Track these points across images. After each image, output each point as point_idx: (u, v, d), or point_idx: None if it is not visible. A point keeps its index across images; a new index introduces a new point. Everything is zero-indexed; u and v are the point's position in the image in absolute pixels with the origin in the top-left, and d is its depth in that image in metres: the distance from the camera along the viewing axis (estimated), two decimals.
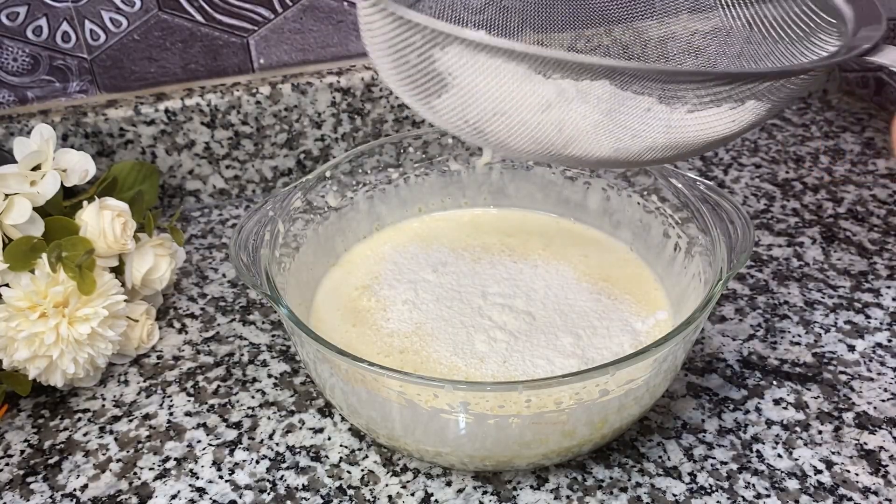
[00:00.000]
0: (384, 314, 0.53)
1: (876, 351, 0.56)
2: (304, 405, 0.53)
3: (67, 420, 0.52)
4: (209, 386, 0.55)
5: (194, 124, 0.69)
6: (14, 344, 0.49)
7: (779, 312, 0.59)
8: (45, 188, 0.52)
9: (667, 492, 0.46)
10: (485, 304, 0.53)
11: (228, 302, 0.62)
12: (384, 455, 0.49)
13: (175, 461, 0.49)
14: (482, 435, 0.43)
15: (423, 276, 0.56)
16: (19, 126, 0.64)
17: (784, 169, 0.77)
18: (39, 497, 0.47)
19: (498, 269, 0.57)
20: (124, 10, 0.65)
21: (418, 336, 0.51)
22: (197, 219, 0.72)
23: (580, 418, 0.43)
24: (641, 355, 0.41)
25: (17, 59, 0.64)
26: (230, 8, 0.67)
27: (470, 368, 0.49)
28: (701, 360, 0.55)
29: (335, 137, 0.74)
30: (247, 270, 0.47)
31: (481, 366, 0.49)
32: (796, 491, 0.46)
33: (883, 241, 0.66)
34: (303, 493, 0.47)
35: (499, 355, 0.49)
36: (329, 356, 0.43)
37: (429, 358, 0.50)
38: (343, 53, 0.73)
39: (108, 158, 0.68)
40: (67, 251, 0.51)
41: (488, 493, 0.47)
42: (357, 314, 0.54)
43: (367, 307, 0.54)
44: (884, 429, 0.50)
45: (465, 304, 0.53)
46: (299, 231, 0.55)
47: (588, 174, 0.60)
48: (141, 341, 0.56)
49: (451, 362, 0.49)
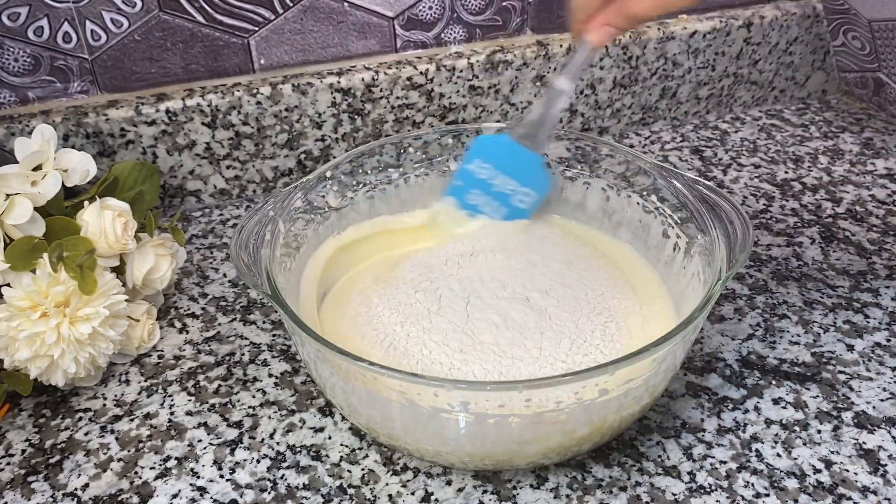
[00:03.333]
0: (383, 314, 0.53)
1: (875, 350, 0.56)
2: (305, 404, 0.53)
3: (68, 419, 0.52)
4: (210, 385, 0.55)
5: (195, 124, 0.69)
6: (15, 343, 0.49)
7: (778, 312, 0.59)
8: (46, 188, 0.53)
9: (666, 491, 0.46)
10: (484, 303, 0.53)
11: (229, 302, 0.62)
12: (384, 454, 0.49)
13: (176, 460, 0.49)
14: (482, 434, 0.43)
15: (423, 276, 0.56)
16: (20, 126, 0.64)
17: (783, 169, 0.77)
18: (40, 496, 0.48)
19: (498, 268, 0.57)
20: (125, 10, 0.65)
21: (418, 336, 0.51)
22: (198, 219, 0.72)
23: (580, 418, 0.43)
24: (641, 355, 0.41)
25: (19, 60, 0.64)
26: (231, 8, 0.67)
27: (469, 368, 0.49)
28: (700, 359, 0.55)
29: (335, 138, 0.74)
30: (247, 270, 0.47)
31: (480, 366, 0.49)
32: (795, 490, 0.46)
33: (882, 241, 0.67)
34: (303, 492, 0.47)
35: (498, 355, 0.49)
36: (329, 356, 0.43)
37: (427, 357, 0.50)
38: (343, 54, 0.73)
39: (109, 158, 0.68)
40: (68, 251, 0.51)
41: (488, 492, 0.47)
42: (357, 313, 0.54)
43: (367, 307, 0.54)
44: (882, 428, 0.50)
45: (465, 303, 0.53)
46: (300, 231, 0.55)
47: (588, 174, 0.60)
48: (142, 341, 0.56)
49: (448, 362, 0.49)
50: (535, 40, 0.77)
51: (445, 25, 0.74)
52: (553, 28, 0.78)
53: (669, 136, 0.84)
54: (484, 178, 0.58)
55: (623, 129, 0.85)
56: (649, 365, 0.43)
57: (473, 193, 0.59)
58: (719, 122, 0.87)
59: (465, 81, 0.75)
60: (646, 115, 0.85)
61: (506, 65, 0.75)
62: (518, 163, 0.57)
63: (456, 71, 0.74)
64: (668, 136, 0.84)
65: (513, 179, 0.58)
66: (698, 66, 0.84)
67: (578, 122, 0.82)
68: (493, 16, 0.76)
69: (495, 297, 0.53)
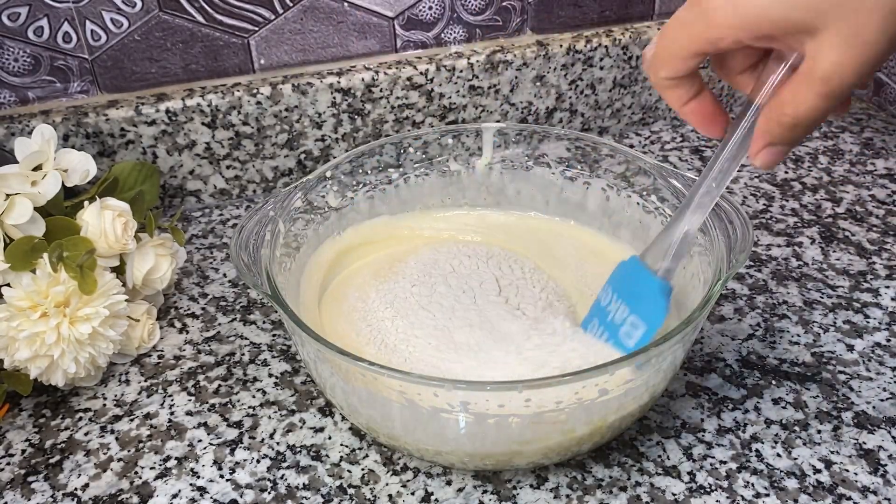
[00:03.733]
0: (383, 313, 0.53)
1: (875, 350, 0.56)
2: (305, 404, 0.53)
3: (68, 419, 0.52)
4: (210, 385, 0.55)
5: (195, 124, 0.69)
6: (15, 343, 0.49)
7: (778, 312, 0.59)
8: (46, 188, 0.53)
9: (666, 491, 0.46)
10: (484, 303, 0.53)
11: (229, 302, 0.62)
12: (384, 454, 0.49)
13: (176, 460, 0.49)
14: (482, 434, 0.43)
15: (423, 275, 0.56)
16: (20, 126, 0.64)
17: (783, 169, 0.77)
18: (40, 496, 0.48)
19: (497, 268, 0.57)
20: (125, 10, 0.65)
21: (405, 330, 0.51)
22: (198, 219, 0.72)
23: (580, 418, 0.43)
24: (640, 355, 0.41)
25: (19, 60, 0.64)
26: (231, 8, 0.67)
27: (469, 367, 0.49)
28: (700, 359, 0.55)
29: (335, 138, 0.74)
30: (247, 270, 0.47)
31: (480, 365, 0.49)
32: (795, 490, 0.46)
33: (882, 241, 0.67)
34: (303, 492, 0.47)
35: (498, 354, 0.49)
36: (329, 356, 0.43)
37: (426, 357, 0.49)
38: (343, 54, 0.73)
39: (109, 158, 0.68)
40: (68, 251, 0.51)
41: (488, 492, 0.47)
42: (353, 308, 0.54)
43: (367, 306, 0.54)
44: (882, 428, 0.50)
45: (465, 303, 0.53)
46: (300, 231, 0.55)
47: (588, 174, 0.60)
48: (142, 341, 0.56)
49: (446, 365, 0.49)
50: (535, 40, 0.77)
51: (445, 25, 0.74)
52: (553, 28, 0.78)
53: (669, 136, 0.84)
54: (604, 305, 0.49)
55: (623, 129, 0.85)
56: (649, 365, 0.43)
57: (593, 323, 0.50)
58: None
59: (465, 81, 0.75)
60: (646, 115, 0.85)
61: (506, 65, 0.75)
62: (635, 287, 0.47)
63: (456, 71, 0.74)
64: (668, 136, 0.84)
65: (626, 305, 0.47)
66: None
67: (578, 122, 0.82)
68: (493, 16, 0.76)
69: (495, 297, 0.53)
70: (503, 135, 0.61)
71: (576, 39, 0.78)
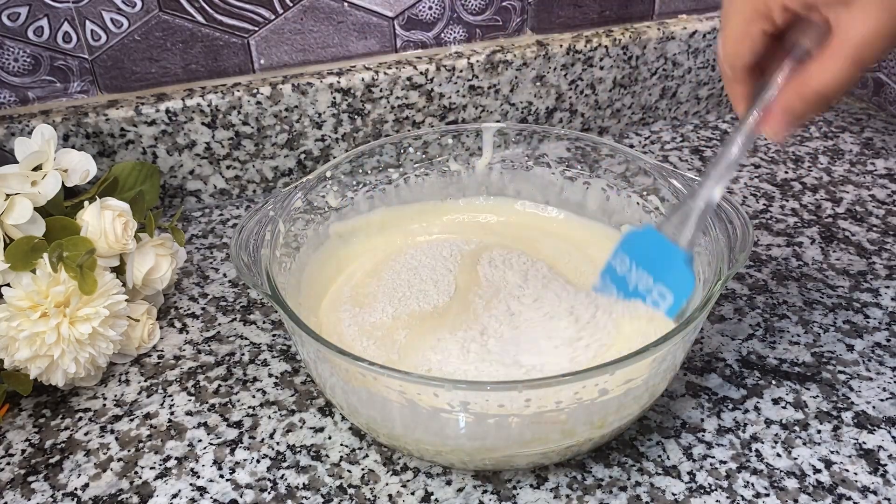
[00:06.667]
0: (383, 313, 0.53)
1: (875, 350, 0.56)
2: (305, 404, 0.53)
3: (68, 419, 0.52)
4: (210, 385, 0.55)
5: (195, 124, 0.69)
6: (15, 343, 0.49)
7: (778, 312, 0.59)
8: (46, 188, 0.53)
9: (666, 491, 0.46)
10: (484, 303, 0.53)
11: (229, 302, 0.62)
12: (384, 454, 0.49)
13: (176, 460, 0.49)
14: (482, 434, 0.43)
15: (422, 276, 0.56)
16: (20, 126, 0.64)
17: (783, 169, 0.77)
18: (40, 496, 0.48)
19: (497, 268, 0.57)
20: (125, 10, 0.65)
21: (416, 335, 0.51)
22: (198, 219, 0.72)
23: (580, 417, 0.43)
24: (640, 355, 0.41)
25: (19, 60, 0.64)
26: (231, 8, 0.67)
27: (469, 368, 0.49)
28: (700, 359, 0.55)
29: (335, 138, 0.74)
30: (247, 270, 0.47)
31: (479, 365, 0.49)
32: (795, 490, 0.46)
33: (882, 241, 0.67)
34: (303, 492, 0.47)
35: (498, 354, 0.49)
36: (329, 356, 0.43)
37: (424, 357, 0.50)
38: (343, 54, 0.73)
39: (109, 158, 0.68)
40: (68, 251, 0.51)
41: (488, 491, 0.47)
42: (357, 313, 0.54)
43: (367, 306, 0.54)
44: (882, 428, 0.50)
45: (465, 303, 0.53)
46: (300, 231, 0.55)
47: (588, 174, 0.60)
48: (142, 341, 0.56)
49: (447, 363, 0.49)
50: (535, 40, 0.77)
51: (445, 25, 0.74)
52: (553, 28, 0.78)
53: (669, 136, 0.84)
54: (623, 274, 0.51)
55: (623, 129, 0.85)
56: (649, 365, 0.43)
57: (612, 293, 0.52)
58: (719, 122, 0.87)
59: (465, 81, 0.75)
60: (646, 115, 0.85)
61: (506, 65, 0.75)
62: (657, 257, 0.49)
63: (456, 71, 0.74)
64: (668, 136, 0.84)
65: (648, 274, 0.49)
66: (698, 66, 0.84)
67: (578, 122, 0.82)
68: (493, 16, 0.76)
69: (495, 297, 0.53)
70: (503, 135, 0.61)
71: (576, 39, 0.78)
